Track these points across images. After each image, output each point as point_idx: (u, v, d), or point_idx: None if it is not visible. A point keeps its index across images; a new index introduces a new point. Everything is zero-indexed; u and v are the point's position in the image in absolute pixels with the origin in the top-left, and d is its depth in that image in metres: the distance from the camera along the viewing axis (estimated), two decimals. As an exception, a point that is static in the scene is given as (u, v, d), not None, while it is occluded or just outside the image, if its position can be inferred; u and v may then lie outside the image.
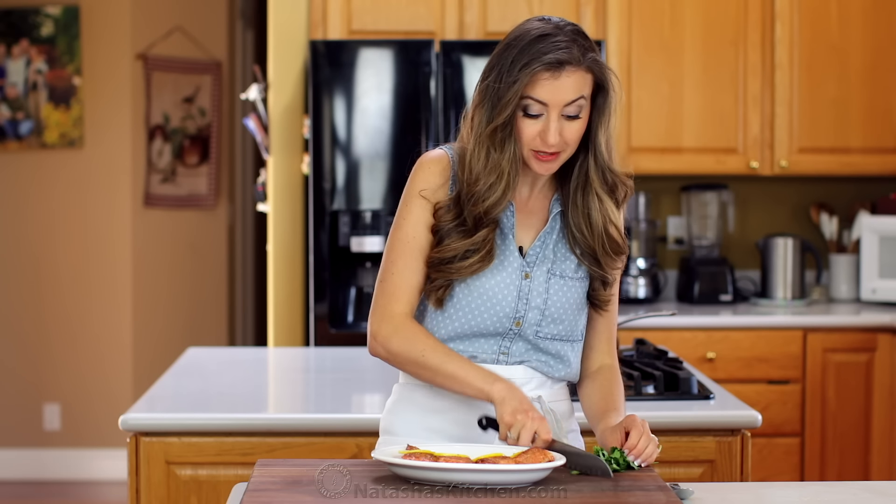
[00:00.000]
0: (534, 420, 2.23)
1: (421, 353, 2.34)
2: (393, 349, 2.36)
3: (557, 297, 2.39)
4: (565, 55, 2.27)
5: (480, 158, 2.33)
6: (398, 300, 2.37)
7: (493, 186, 2.33)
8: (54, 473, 6.36)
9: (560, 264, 2.40)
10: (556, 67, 2.27)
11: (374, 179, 4.73)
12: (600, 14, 5.03)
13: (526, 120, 2.31)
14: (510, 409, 2.25)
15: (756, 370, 4.78)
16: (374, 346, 2.39)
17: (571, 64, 2.27)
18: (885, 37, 5.13)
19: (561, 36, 2.28)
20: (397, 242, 2.39)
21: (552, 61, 2.26)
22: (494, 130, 2.31)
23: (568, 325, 2.41)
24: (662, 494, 2.13)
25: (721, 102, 5.09)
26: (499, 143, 2.32)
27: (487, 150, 2.33)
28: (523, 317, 2.38)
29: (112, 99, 6.36)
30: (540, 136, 2.30)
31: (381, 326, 2.37)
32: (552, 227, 2.41)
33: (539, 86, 2.27)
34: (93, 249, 6.38)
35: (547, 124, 2.29)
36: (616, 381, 2.47)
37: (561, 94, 2.28)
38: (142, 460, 2.91)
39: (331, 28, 4.96)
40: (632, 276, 5.19)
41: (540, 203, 2.43)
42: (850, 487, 2.32)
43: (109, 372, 6.37)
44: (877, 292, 5.13)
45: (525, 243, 2.40)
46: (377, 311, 2.39)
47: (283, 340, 5.04)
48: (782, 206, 5.48)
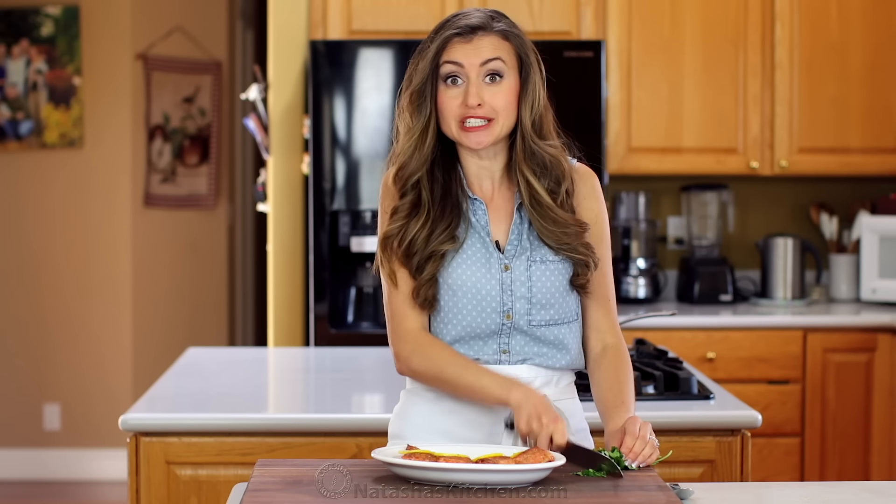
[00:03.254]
0: (547, 426, 2.25)
1: (440, 369, 2.36)
2: (414, 367, 2.40)
3: (542, 283, 2.39)
4: (477, 21, 2.35)
5: (403, 132, 2.39)
6: (406, 316, 2.40)
7: (415, 143, 2.36)
8: (54, 473, 6.36)
9: (538, 251, 2.41)
10: (468, 32, 2.34)
11: (374, 179, 4.73)
12: (600, 14, 5.03)
13: (447, 91, 2.35)
14: (525, 417, 2.27)
15: (756, 370, 4.78)
16: (400, 367, 2.43)
17: (483, 29, 2.35)
18: (885, 37, 5.13)
19: (476, 11, 2.38)
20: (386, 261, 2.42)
21: (463, 26, 2.34)
22: (411, 97, 2.37)
23: (558, 308, 2.41)
24: (662, 494, 2.13)
25: (721, 102, 5.09)
26: (416, 109, 2.37)
27: (409, 119, 2.38)
28: (511, 308, 2.39)
29: (112, 99, 6.36)
30: (463, 102, 2.33)
31: (400, 347, 2.41)
32: (519, 217, 2.42)
33: (452, 48, 2.34)
34: (93, 249, 6.38)
35: (467, 87, 2.33)
36: (623, 364, 2.45)
37: (475, 53, 2.33)
38: (142, 460, 2.91)
39: (331, 28, 4.96)
40: (632, 276, 5.20)
41: (504, 196, 2.44)
42: (850, 487, 2.33)
43: (109, 372, 6.37)
44: (877, 292, 5.13)
45: (500, 237, 2.42)
46: (392, 331, 2.42)
47: (283, 340, 5.04)
48: (782, 206, 5.48)
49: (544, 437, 2.24)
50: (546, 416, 2.25)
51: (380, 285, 4.73)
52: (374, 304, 4.77)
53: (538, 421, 2.25)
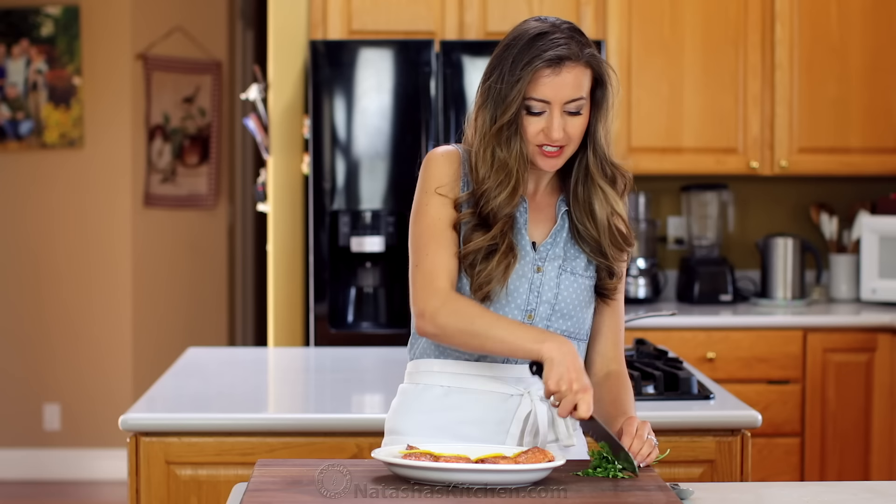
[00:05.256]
0: (576, 394, 2.22)
1: (470, 322, 2.32)
2: (441, 322, 2.34)
3: (568, 293, 2.41)
4: (564, 51, 2.33)
5: (487, 158, 2.38)
6: (438, 276, 2.37)
7: (501, 184, 2.36)
8: (54, 473, 6.36)
9: (571, 261, 2.43)
10: (556, 63, 2.32)
11: (374, 179, 4.73)
12: (600, 14, 5.03)
13: (529, 118, 2.35)
14: (556, 375, 2.23)
15: (756, 370, 4.78)
16: (422, 324, 2.36)
17: (571, 59, 2.33)
18: (885, 37, 5.13)
19: (558, 34, 2.35)
20: (424, 229, 2.39)
21: (552, 57, 2.32)
22: (500, 129, 2.36)
23: (576, 322, 2.43)
24: (662, 494, 2.13)
25: (721, 102, 5.09)
26: (504, 141, 2.36)
27: (493, 149, 2.37)
28: (535, 310, 2.39)
29: (112, 99, 6.36)
30: (544, 132, 2.35)
31: (427, 302, 2.36)
32: (561, 225, 2.43)
33: (540, 83, 2.33)
34: (93, 249, 6.38)
35: (550, 121, 2.34)
36: (625, 387, 2.47)
37: (562, 90, 2.33)
38: (142, 460, 2.91)
39: (331, 28, 4.96)
40: (632, 276, 5.20)
41: (546, 200, 2.46)
42: (850, 487, 2.32)
43: (109, 372, 6.37)
44: (877, 292, 5.13)
45: (537, 239, 2.43)
46: (420, 290, 2.37)
47: (283, 340, 5.04)
48: (782, 206, 5.48)
49: (568, 404, 2.22)
50: (577, 383, 2.22)
51: (380, 285, 4.75)
52: (374, 304, 4.77)
53: (569, 385, 2.22)
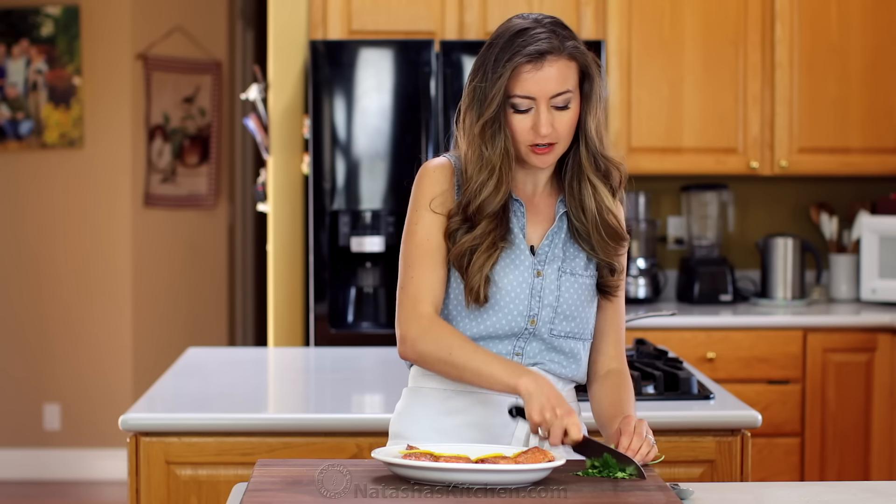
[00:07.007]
0: (562, 418, 2.22)
1: (448, 352, 2.33)
2: (420, 349, 2.36)
3: (569, 294, 2.41)
4: (545, 45, 2.32)
5: (475, 159, 2.37)
6: (422, 301, 2.38)
7: (485, 183, 2.36)
8: (54, 473, 6.36)
9: (570, 262, 2.42)
10: (538, 58, 2.31)
11: (374, 179, 4.73)
12: (600, 14, 5.03)
13: (517, 116, 2.35)
14: (538, 406, 2.23)
15: (756, 370, 4.78)
16: (403, 349, 2.39)
17: (552, 53, 2.32)
18: (885, 37, 5.13)
19: (540, 28, 2.34)
20: (413, 248, 2.40)
21: (532, 52, 2.31)
22: (483, 127, 2.36)
23: (580, 322, 2.43)
24: (662, 494, 2.13)
25: (721, 102, 5.09)
26: (489, 138, 2.36)
27: (479, 148, 2.37)
28: (537, 315, 2.39)
29: (112, 99, 6.36)
30: (533, 129, 2.34)
31: (409, 329, 2.37)
32: (559, 226, 2.43)
33: (523, 79, 2.32)
34: (93, 249, 6.38)
35: (538, 117, 2.33)
36: (626, 386, 2.47)
37: (546, 84, 2.32)
38: (142, 460, 2.91)
39: (331, 28, 4.96)
40: (632, 276, 5.19)
41: (545, 202, 2.46)
42: (850, 487, 2.32)
43: (109, 372, 6.37)
44: (877, 292, 5.13)
45: (535, 241, 2.42)
46: (403, 314, 2.39)
47: (283, 340, 5.04)
48: (782, 206, 5.48)
49: (558, 430, 2.22)
50: (560, 408, 2.22)
51: (380, 285, 4.75)
52: (374, 304, 4.77)
53: (552, 412, 2.22)
